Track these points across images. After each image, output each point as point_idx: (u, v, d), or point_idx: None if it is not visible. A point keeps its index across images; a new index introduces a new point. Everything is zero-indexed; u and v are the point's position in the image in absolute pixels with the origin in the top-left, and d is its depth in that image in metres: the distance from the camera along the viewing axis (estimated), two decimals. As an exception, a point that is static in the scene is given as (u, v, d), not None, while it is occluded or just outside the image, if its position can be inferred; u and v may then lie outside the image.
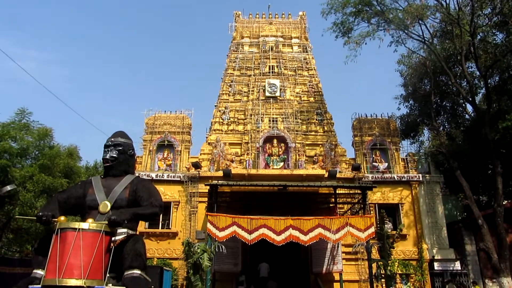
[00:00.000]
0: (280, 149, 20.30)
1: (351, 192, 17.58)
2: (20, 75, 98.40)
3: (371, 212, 18.09)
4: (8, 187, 13.17)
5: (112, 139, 5.86)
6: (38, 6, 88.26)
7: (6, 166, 13.35)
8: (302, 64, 23.68)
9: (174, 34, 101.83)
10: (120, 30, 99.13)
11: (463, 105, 24.53)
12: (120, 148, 5.80)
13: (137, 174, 6.22)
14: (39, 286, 4.46)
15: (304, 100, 22.33)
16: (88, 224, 4.72)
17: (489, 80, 19.82)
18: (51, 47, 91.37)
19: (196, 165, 19.01)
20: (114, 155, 5.71)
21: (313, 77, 23.10)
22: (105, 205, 5.23)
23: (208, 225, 14.53)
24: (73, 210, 5.63)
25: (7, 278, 14.16)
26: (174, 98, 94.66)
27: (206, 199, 17.43)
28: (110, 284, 4.71)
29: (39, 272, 4.72)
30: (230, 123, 21.42)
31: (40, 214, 4.87)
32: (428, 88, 22.96)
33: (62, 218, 4.85)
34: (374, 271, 15.25)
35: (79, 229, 4.61)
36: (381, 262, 15.26)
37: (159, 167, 20.24)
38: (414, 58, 24.35)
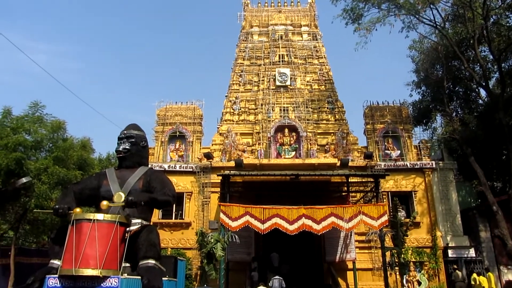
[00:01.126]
0: (291, 139, 20.23)
1: (363, 180, 17.49)
2: (30, 68, 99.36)
3: (384, 200, 17.97)
4: (24, 179, 13.36)
5: (125, 132, 5.96)
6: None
7: (21, 159, 13.47)
8: (312, 52, 23.48)
9: (184, 25, 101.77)
10: (129, 22, 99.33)
11: (476, 90, 24.19)
12: (133, 140, 5.90)
13: (150, 166, 6.30)
14: (56, 276, 4.53)
15: (314, 89, 22.17)
16: (103, 215, 4.78)
17: (502, 64, 19.51)
18: (61, 40, 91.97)
19: (208, 156, 19.06)
20: (127, 147, 5.82)
21: (324, 65, 22.91)
22: (119, 196, 5.29)
23: (221, 215, 14.60)
24: (88, 201, 5.73)
25: (24, 268, 14.44)
26: (184, 89, 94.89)
27: (218, 189, 17.50)
28: (126, 274, 4.77)
29: (56, 262, 4.80)
30: (241, 113, 21.39)
31: (57, 207, 4.97)
32: (441, 74, 22.66)
33: (78, 210, 4.93)
34: (387, 259, 15.22)
35: (94, 220, 4.68)
36: (394, 250, 15.24)
37: (171, 158, 20.33)
38: (426, 43, 24.07)
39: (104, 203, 4.94)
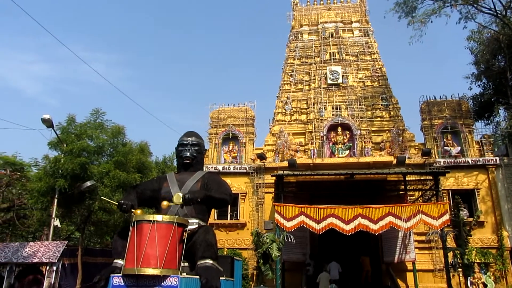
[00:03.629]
0: (345, 137, 19.89)
1: (421, 178, 16.92)
2: (89, 77, 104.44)
3: (444, 198, 17.28)
4: (88, 183, 14.12)
5: (189, 139, 6.28)
6: (99, 9, 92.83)
7: (85, 163, 14.23)
8: (364, 49, 22.99)
9: (234, 27, 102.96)
10: (179, 27, 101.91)
11: (544, 80, 22.64)
12: (197, 147, 6.27)
13: (206, 170, 6.53)
14: (120, 274, 4.74)
15: (367, 86, 21.69)
16: (162, 216, 4.95)
17: None
18: (116, 49, 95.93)
19: (261, 156, 19.16)
20: (194, 154, 6.19)
21: (376, 61, 22.36)
22: (178, 197, 5.50)
23: (276, 215, 14.64)
24: (149, 202, 6.02)
25: (90, 267, 15.21)
26: (235, 91, 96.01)
27: (272, 189, 17.57)
28: (184, 273, 4.90)
29: (119, 261, 5.03)
30: (292, 113, 21.32)
31: (122, 202, 5.34)
32: (503, 65, 21.44)
33: (139, 211, 5.19)
34: (450, 260, 14.63)
35: (153, 221, 4.85)
36: (457, 251, 14.62)
37: (225, 159, 20.64)
38: (486, 34, 22.82)
39: (165, 203, 5.17)
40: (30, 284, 13.77)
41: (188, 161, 6.09)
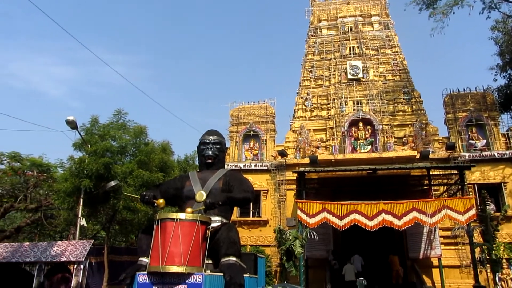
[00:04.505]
0: (366, 132, 19.69)
1: (446, 172, 16.64)
2: (109, 79, 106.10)
3: (470, 193, 16.95)
4: (112, 183, 14.31)
5: (210, 137, 6.32)
6: (119, 12, 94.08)
7: (109, 164, 14.41)
8: (384, 42, 22.68)
9: (253, 24, 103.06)
10: (197, 26, 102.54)
11: None
12: (219, 146, 6.29)
13: (227, 168, 6.56)
14: (145, 272, 4.82)
15: (389, 80, 21.40)
16: (185, 214, 5.00)
17: None
18: (135, 50, 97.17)
19: (282, 153, 19.14)
20: (216, 153, 6.22)
21: (397, 54, 22.03)
22: (201, 195, 5.56)
23: (298, 212, 14.62)
24: (172, 200, 6.09)
25: (116, 266, 15.45)
26: (255, 89, 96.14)
27: (294, 186, 17.54)
28: (208, 271, 4.94)
29: (144, 259, 5.11)
30: (313, 109, 21.21)
31: (144, 193, 5.46)
32: (530, 55, 20.88)
33: (161, 201, 5.30)
34: (477, 255, 14.36)
35: (177, 219, 4.90)
36: (485, 246, 14.34)
37: (246, 157, 20.72)
38: (510, 23, 22.24)
39: (189, 210, 5.21)
40: (59, 282, 14.10)
41: (210, 160, 6.13)
